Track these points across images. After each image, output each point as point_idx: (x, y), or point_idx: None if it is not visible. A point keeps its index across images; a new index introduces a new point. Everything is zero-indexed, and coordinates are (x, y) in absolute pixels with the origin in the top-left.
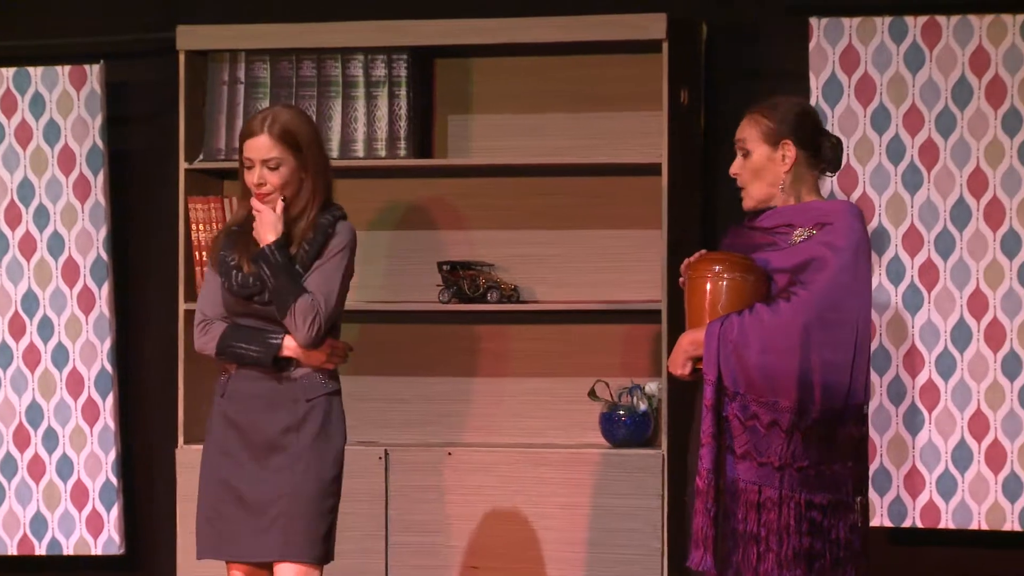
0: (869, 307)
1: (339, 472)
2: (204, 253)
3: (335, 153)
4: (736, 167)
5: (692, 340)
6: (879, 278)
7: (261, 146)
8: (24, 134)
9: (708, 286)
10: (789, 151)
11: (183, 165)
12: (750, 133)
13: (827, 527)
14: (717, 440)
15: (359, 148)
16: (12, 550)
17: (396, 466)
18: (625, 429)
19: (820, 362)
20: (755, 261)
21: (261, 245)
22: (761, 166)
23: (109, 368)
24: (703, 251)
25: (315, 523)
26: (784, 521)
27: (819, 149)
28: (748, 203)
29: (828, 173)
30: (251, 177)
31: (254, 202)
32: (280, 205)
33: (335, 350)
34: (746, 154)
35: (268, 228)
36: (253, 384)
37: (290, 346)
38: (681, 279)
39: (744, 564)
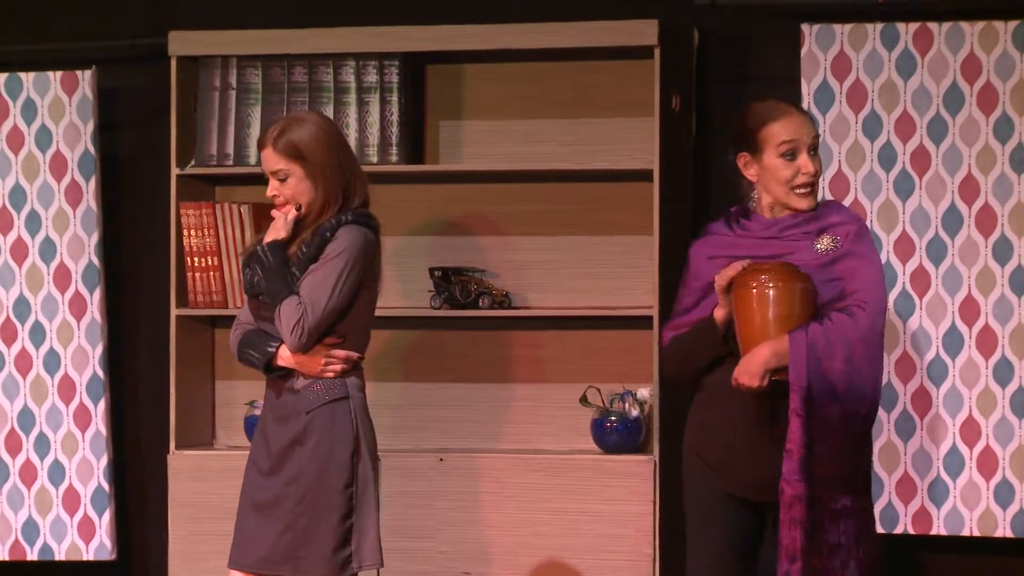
0: None
1: (349, 481)
2: (196, 259)
3: None
4: (816, 166)
5: (775, 351)
6: None
7: (268, 159)
8: (16, 140)
9: (766, 296)
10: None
11: (175, 171)
12: (814, 139)
13: (872, 527)
14: (803, 450)
15: None
16: (4, 555)
17: (388, 472)
18: (617, 435)
19: (881, 368)
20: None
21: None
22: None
23: (101, 374)
24: (747, 261)
25: (323, 537)
26: (860, 525)
27: None
28: (812, 203)
29: None
30: (268, 188)
31: (273, 211)
32: (293, 213)
33: (333, 359)
34: (815, 150)
35: (272, 233)
36: (272, 395)
37: (283, 355)
38: (718, 287)
39: (832, 574)
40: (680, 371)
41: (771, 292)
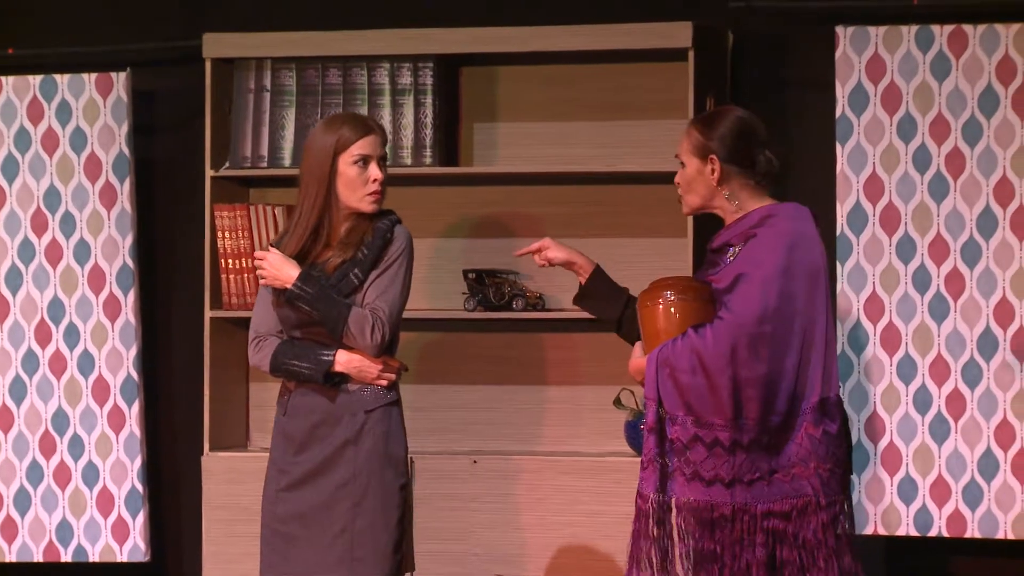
0: (812, 305)
1: (405, 482)
2: (230, 260)
3: None
4: (677, 176)
5: (635, 367)
6: (905, 287)
7: (378, 144)
8: (50, 142)
9: (656, 312)
10: (715, 165)
11: (209, 173)
12: (683, 146)
13: (792, 532)
14: (660, 461)
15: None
16: (38, 557)
17: (421, 474)
18: None
19: (751, 377)
20: (709, 286)
21: (288, 286)
22: (692, 178)
23: (135, 375)
24: (676, 276)
25: (382, 536)
26: (736, 535)
27: (753, 163)
28: (684, 210)
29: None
30: (378, 173)
31: (256, 257)
32: (268, 251)
33: (388, 367)
34: (682, 164)
35: (286, 271)
36: (312, 399)
37: (341, 361)
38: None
39: None
40: None
41: (657, 307)
